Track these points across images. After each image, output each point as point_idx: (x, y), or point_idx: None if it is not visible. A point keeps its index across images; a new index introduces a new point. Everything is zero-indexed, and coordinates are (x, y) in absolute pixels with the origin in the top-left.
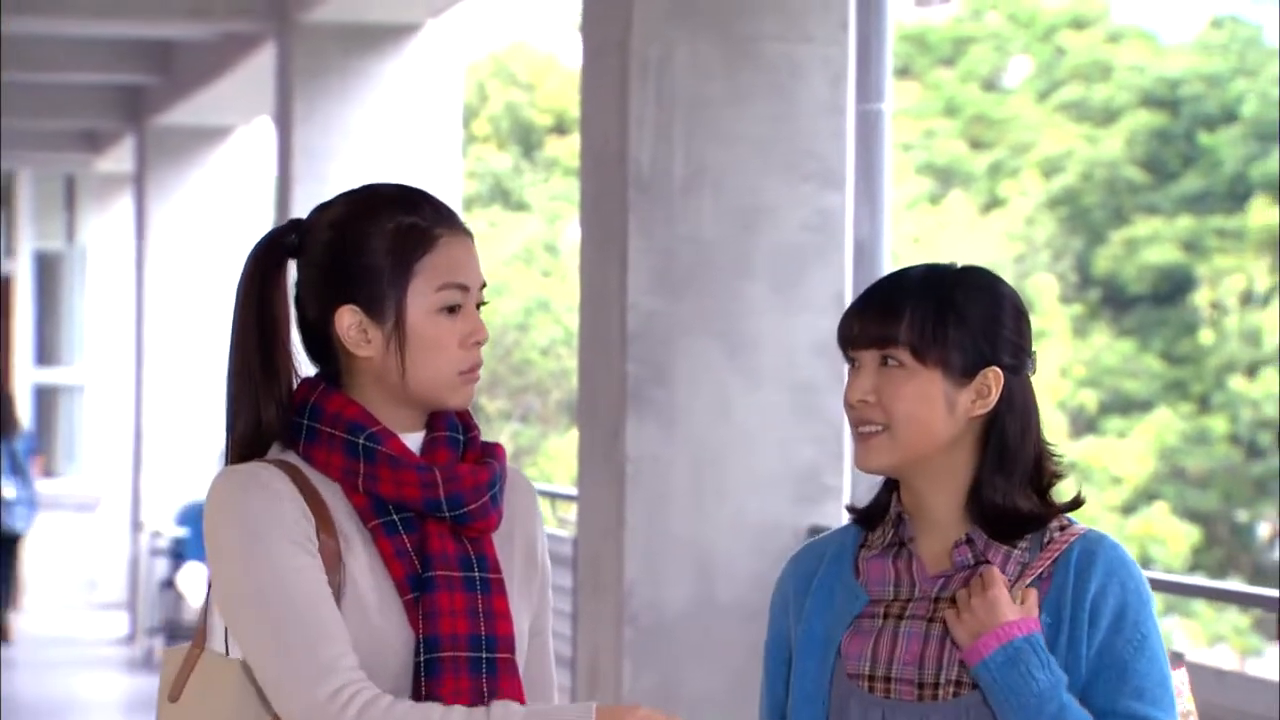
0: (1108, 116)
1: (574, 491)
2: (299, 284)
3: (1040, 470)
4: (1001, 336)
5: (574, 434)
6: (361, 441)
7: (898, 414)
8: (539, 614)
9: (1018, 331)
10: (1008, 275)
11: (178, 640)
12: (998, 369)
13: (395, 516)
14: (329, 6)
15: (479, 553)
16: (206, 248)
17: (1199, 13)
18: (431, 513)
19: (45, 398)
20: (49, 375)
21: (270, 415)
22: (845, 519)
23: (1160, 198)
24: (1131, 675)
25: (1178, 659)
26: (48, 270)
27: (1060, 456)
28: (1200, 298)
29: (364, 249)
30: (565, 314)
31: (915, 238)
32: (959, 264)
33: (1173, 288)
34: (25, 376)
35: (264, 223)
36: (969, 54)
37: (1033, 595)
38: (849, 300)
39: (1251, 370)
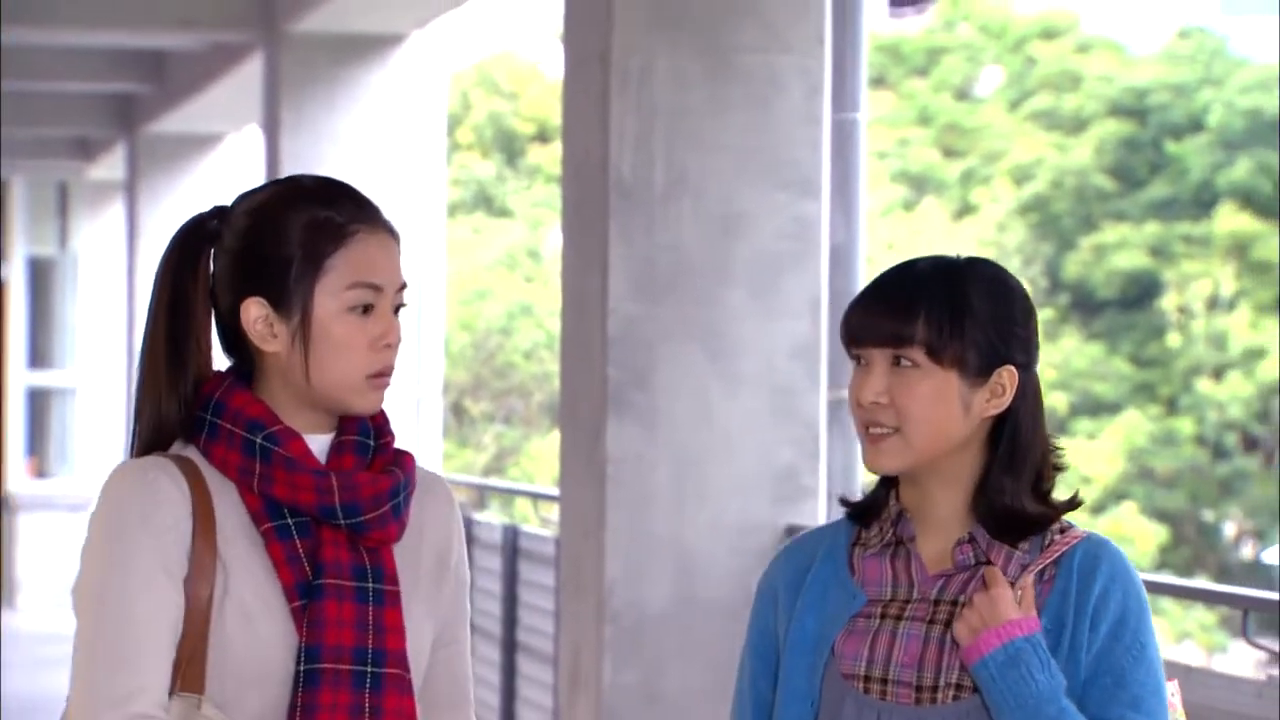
0: (1077, 125)
1: (556, 492)
2: (215, 272)
3: (1044, 468)
4: (1015, 334)
5: (556, 436)
6: (259, 441)
7: (912, 416)
8: (450, 623)
9: (1028, 328)
10: None
11: None
12: (1012, 368)
13: (290, 520)
14: (316, 17)
15: (375, 563)
16: None
17: (1167, 24)
18: (326, 519)
19: (38, 400)
20: (42, 378)
21: (171, 408)
22: (822, 518)
23: (1128, 205)
24: (1129, 684)
25: (1169, 672)
26: (41, 275)
27: (1062, 451)
28: (1167, 302)
29: (276, 240)
30: (547, 318)
31: (890, 244)
32: (964, 256)
33: (1141, 292)
34: (18, 379)
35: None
36: (942, 64)
37: (1030, 594)
38: (825, 305)
39: (1218, 373)
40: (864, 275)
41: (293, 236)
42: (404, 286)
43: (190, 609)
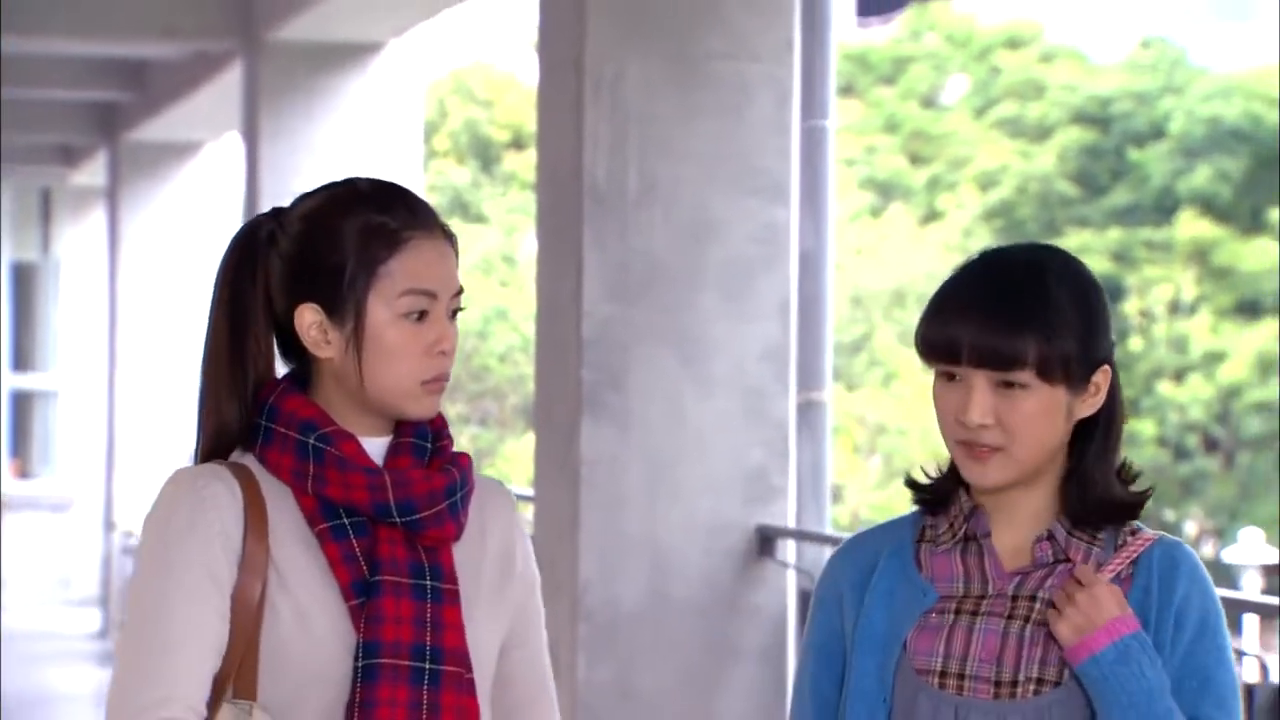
0: (1041, 133)
1: (531, 493)
2: (272, 276)
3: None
4: (1104, 332)
5: (530, 437)
6: (311, 442)
7: (1020, 435)
8: (520, 626)
9: (1107, 317)
10: None
11: None
12: (1107, 367)
13: (345, 520)
14: (295, 26)
15: (433, 561)
16: (177, 259)
17: (1128, 34)
18: (382, 518)
19: (21, 403)
20: (25, 381)
21: (231, 415)
22: (792, 518)
23: (1091, 211)
24: (1214, 685)
25: None
26: (24, 280)
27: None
28: (1130, 306)
29: (331, 246)
30: (523, 322)
31: (858, 249)
32: (1038, 249)
33: None
34: (2, 382)
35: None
36: (908, 73)
37: (1120, 593)
38: (795, 309)
39: (1179, 376)
40: (833, 280)
41: (347, 243)
42: (460, 291)
43: (239, 615)
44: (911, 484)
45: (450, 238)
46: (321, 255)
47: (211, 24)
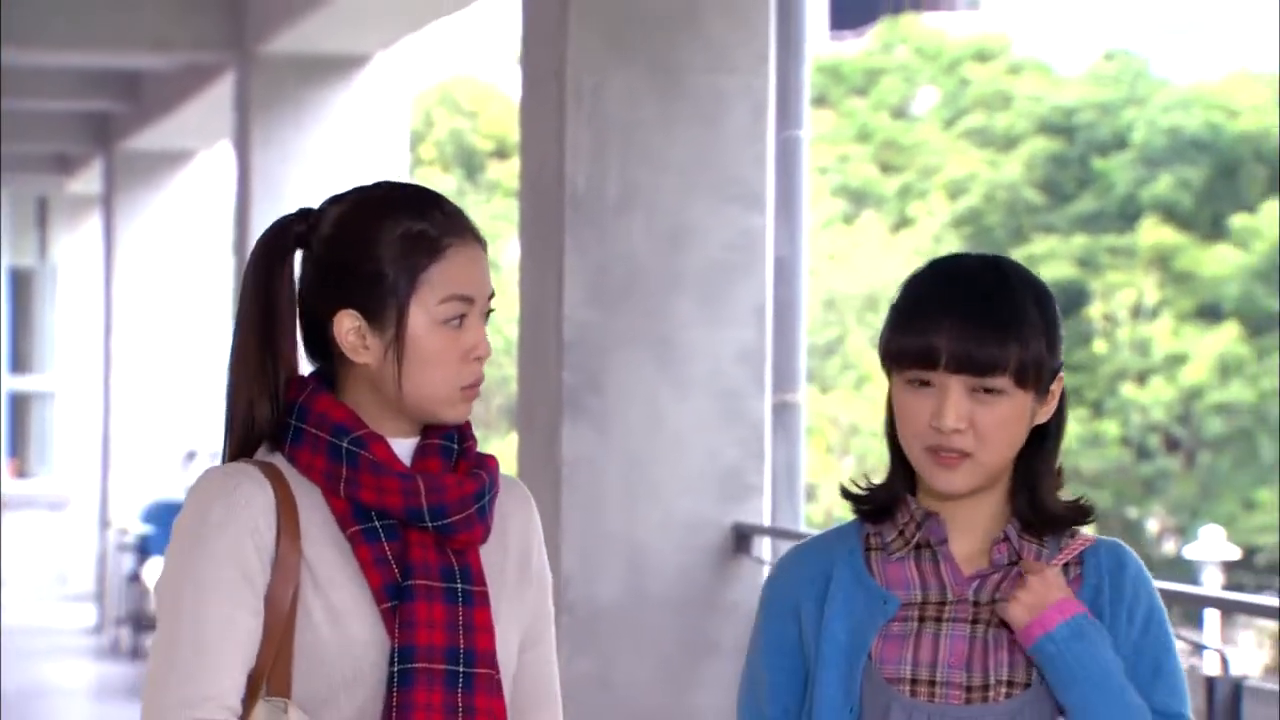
0: (1008, 142)
1: None
2: (302, 278)
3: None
4: (1060, 339)
5: (514, 437)
6: (345, 445)
7: (991, 441)
8: (534, 626)
9: (1061, 330)
10: None
11: (143, 630)
12: (1060, 374)
13: (377, 523)
14: (285, 39)
15: (463, 564)
16: (171, 264)
17: (1092, 46)
18: (414, 522)
19: (19, 404)
20: (23, 383)
21: (264, 412)
22: (767, 516)
23: (1057, 218)
24: (1165, 673)
25: None
26: (21, 285)
27: None
28: (1094, 311)
29: (370, 254)
30: (506, 325)
31: (831, 255)
32: (991, 259)
33: (1068, 301)
34: (1, 384)
35: (224, 240)
36: (880, 84)
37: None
38: (770, 313)
39: (1141, 378)
40: (807, 285)
41: (386, 251)
42: (492, 294)
43: (273, 614)
44: (848, 495)
45: (481, 242)
46: (361, 262)
47: (203, 37)
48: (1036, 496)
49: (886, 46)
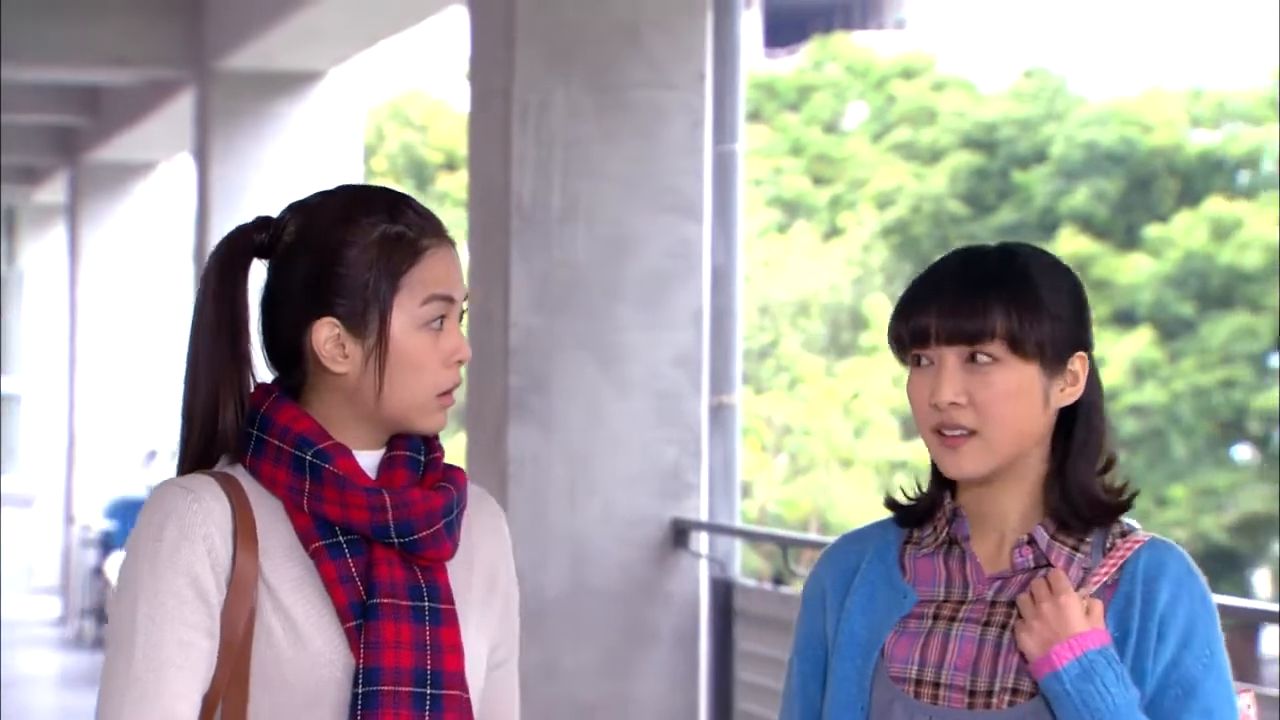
0: (933, 156)
1: None
2: (268, 288)
3: (1107, 454)
4: (1081, 316)
5: (462, 437)
6: (309, 458)
7: (994, 415)
8: (502, 642)
9: (1088, 310)
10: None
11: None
12: (1084, 353)
13: (341, 539)
14: (242, 55)
15: (430, 581)
16: (133, 271)
17: (1013, 65)
18: (379, 538)
19: None
20: None
21: (227, 423)
22: (704, 513)
23: (979, 228)
24: (1201, 694)
25: (1245, 685)
26: None
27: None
28: None
29: (346, 259)
30: None
31: (766, 262)
32: (1013, 244)
33: None
34: None
35: (184, 249)
36: (812, 100)
37: (1099, 606)
38: (707, 318)
39: None
40: (742, 291)
41: (366, 255)
42: (467, 295)
43: (228, 633)
44: (891, 505)
45: (453, 242)
46: (339, 268)
47: (164, 53)
48: (1067, 491)
49: (818, 64)
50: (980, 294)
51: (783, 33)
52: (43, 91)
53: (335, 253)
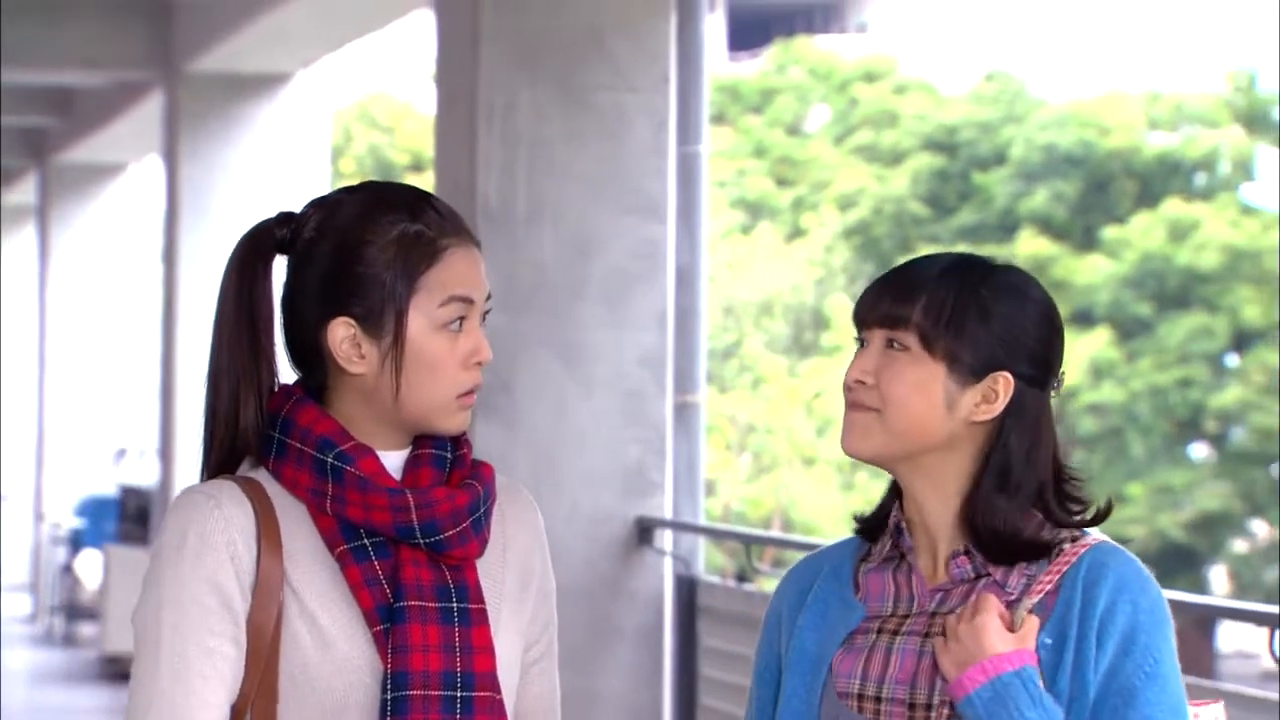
0: (895, 158)
1: None
2: (288, 285)
3: (1057, 494)
4: (1022, 343)
5: None
6: (330, 460)
7: (892, 398)
8: (538, 638)
9: (1043, 342)
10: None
11: (75, 618)
12: (1009, 375)
13: (366, 541)
14: (210, 58)
15: (459, 581)
16: (102, 271)
17: (974, 68)
18: (405, 539)
19: None
20: None
21: (248, 423)
22: (668, 511)
23: (940, 229)
24: (1141, 704)
25: (1215, 695)
26: None
27: (1080, 481)
28: None
29: (364, 257)
30: None
31: (729, 263)
32: (998, 260)
33: None
34: None
35: (153, 249)
36: (775, 103)
37: (1032, 622)
38: (671, 318)
39: None
40: (706, 291)
41: (384, 254)
42: (489, 296)
43: (255, 640)
44: (856, 517)
45: (477, 242)
46: (357, 268)
47: (133, 55)
48: (979, 521)
49: (781, 67)
50: (915, 286)
51: (746, 36)
52: (12, 93)
53: (353, 251)
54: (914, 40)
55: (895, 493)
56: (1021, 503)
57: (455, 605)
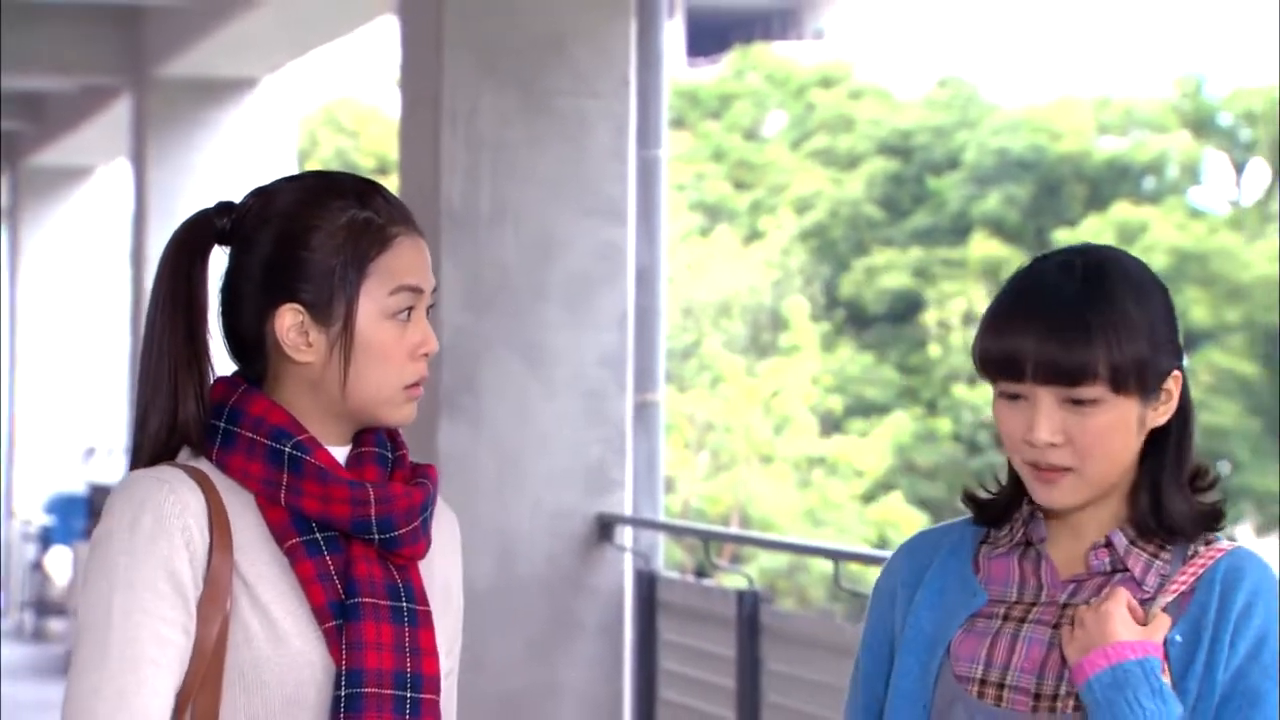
0: (850, 162)
1: None
2: (230, 274)
3: (1195, 465)
4: (1168, 336)
5: None
6: (288, 450)
7: (1092, 454)
8: (449, 651)
9: (1174, 324)
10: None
11: (45, 615)
12: (1178, 372)
13: (318, 535)
14: (178, 63)
15: (405, 581)
16: (71, 273)
17: (928, 73)
18: (359, 534)
19: None
20: None
21: (189, 413)
22: (629, 508)
23: (895, 232)
24: (1266, 707)
25: None
26: None
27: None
28: (929, 317)
29: (311, 243)
30: None
31: (689, 265)
32: (1095, 251)
33: (906, 308)
34: None
35: (122, 251)
36: (733, 108)
37: (1163, 619)
38: (631, 319)
39: (972, 380)
40: (666, 293)
41: (332, 240)
42: (435, 287)
43: (202, 631)
44: (969, 500)
45: (422, 233)
46: (305, 254)
47: (102, 60)
48: (1157, 504)
49: (739, 73)
50: (1079, 332)
51: (705, 42)
52: None
53: (300, 236)
54: (869, 46)
55: (1018, 478)
56: (1185, 478)
57: (405, 605)
